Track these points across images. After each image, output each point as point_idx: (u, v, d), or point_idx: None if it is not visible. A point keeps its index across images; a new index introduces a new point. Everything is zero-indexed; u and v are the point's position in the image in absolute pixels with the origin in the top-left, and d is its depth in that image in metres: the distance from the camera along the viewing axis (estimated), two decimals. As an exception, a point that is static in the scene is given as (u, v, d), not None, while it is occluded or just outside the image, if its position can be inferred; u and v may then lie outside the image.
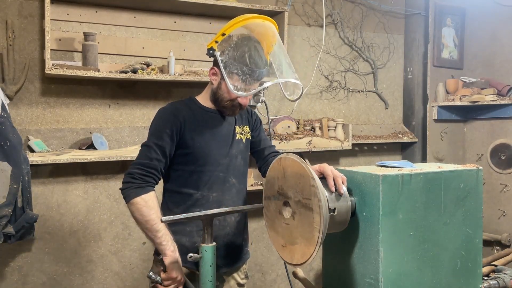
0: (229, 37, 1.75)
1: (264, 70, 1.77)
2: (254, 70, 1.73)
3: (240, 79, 1.74)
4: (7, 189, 2.38)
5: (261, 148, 2.04)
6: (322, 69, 3.58)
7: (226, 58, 1.73)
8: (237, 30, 1.77)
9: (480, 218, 1.67)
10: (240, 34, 1.78)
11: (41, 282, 2.75)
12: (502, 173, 3.62)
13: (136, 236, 2.99)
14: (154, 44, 3.00)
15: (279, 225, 1.58)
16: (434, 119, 3.74)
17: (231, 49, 1.73)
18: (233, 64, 1.72)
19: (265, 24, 1.83)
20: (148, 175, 1.75)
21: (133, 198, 1.70)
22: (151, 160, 1.76)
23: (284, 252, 1.57)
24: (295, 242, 1.50)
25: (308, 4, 3.49)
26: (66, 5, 2.75)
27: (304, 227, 1.45)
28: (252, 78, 1.75)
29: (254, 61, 1.73)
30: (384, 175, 1.46)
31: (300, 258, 1.47)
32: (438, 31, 3.75)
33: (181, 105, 1.89)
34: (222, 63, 1.72)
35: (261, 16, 1.83)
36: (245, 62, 1.72)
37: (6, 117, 2.45)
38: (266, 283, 3.44)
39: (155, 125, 1.83)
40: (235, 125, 1.95)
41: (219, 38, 1.76)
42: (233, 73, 1.73)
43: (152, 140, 1.78)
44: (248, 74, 1.73)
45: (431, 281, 1.56)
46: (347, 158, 3.71)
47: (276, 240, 1.61)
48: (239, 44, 1.74)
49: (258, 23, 1.82)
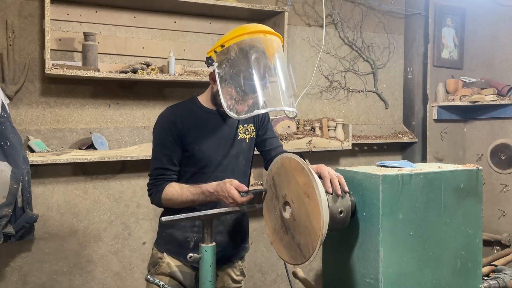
0: (227, 50, 1.70)
1: (261, 86, 1.71)
2: (248, 92, 1.71)
3: (235, 95, 1.72)
4: (7, 189, 2.38)
5: (268, 148, 2.03)
6: (322, 69, 3.58)
7: (222, 72, 1.71)
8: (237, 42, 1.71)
9: (480, 218, 1.67)
10: (238, 49, 1.70)
11: (41, 282, 2.75)
12: (502, 173, 3.62)
13: (136, 236, 2.99)
14: (154, 44, 3.00)
15: (277, 222, 1.58)
16: (434, 119, 3.73)
17: (228, 64, 1.70)
18: (228, 81, 1.71)
19: (267, 39, 1.75)
20: (159, 182, 1.87)
21: (159, 201, 1.86)
22: (158, 169, 1.87)
23: (283, 252, 1.57)
24: (292, 242, 1.50)
25: (308, 4, 3.49)
26: (66, 5, 2.75)
27: (304, 227, 1.45)
28: (246, 98, 1.73)
29: (250, 80, 1.69)
30: (384, 175, 1.46)
31: (300, 258, 1.47)
32: (438, 31, 3.75)
33: (180, 109, 1.91)
34: (218, 76, 1.71)
35: (264, 30, 1.76)
36: (240, 83, 1.70)
37: (6, 117, 2.45)
38: (266, 283, 3.44)
39: (158, 134, 1.89)
40: (238, 124, 1.95)
41: (218, 49, 1.73)
42: (228, 90, 1.72)
43: (158, 151, 1.88)
44: (241, 95, 1.71)
45: (431, 281, 1.56)
46: (347, 158, 3.71)
47: (273, 234, 1.61)
48: (236, 61, 1.70)
49: (260, 38, 1.74)
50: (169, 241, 1.94)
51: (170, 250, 1.93)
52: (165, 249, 1.94)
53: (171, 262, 1.92)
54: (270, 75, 1.74)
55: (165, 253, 1.93)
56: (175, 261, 1.92)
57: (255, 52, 1.70)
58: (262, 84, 1.71)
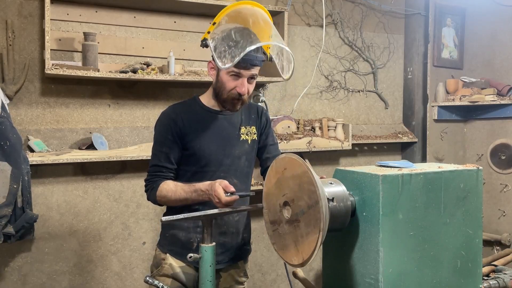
0: (218, 24, 1.79)
1: (250, 40, 1.71)
2: (238, 41, 1.69)
3: (228, 53, 1.69)
4: (7, 189, 2.38)
5: (266, 156, 2.04)
6: (322, 69, 3.58)
7: (215, 41, 1.73)
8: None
9: (480, 218, 1.67)
10: (228, 18, 1.79)
11: (41, 282, 2.75)
12: (502, 173, 3.62)
13: (136, 236, 2.99)
14: (154, 44, 3.00)
15: (279, 225, 1.58)
16: (434, 119, 3.74)
17: (220, 32, 1.74)
18: (221, 43, 1.71)
19: (254, 9, 1.84)
20: (154, 178, 1.89)
21: (154, 198, 1.88)
22: (155, 166, 1.89)
23: (284, 252, 1.56)
24: (295, 242, 1.49)
25: (308, 4, 3.49)
26: (66, 5, 2.75)
27: (304, 227, 1.45)
28: (238, 49, 1.68)
29: (240, 34, 1.71)
30: (384, 175, 1.46)
31: (300, 258, 1.47)
32: (438, 31, 3.75)
33: (181, 108, 1.92)
34: (212, 46, 1.73)
35: (251, 2, 1.85)
36: (231, 37, 1.70)
37: (6, 117, 2.45)
38: (266, 283, 3.44)
39: (158, 132, 1.91)
40: (240, 125, 1.95)
41: (211, 28, 1.80)
42: (222, 52, 1.70)
43: (157, 148, 1.90)
44: (233, 46, 1.69)
45: (431, 281, 1.56)
46: (347, 158, 3.71)
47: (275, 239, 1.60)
48: (227, 26, 1.76)
49: (247, 7, 1.84)
50: (173, 242, 1.94)
51: (173, 251, 1.93)
52: (168, 250, 1.94)
53: (174, 263, 1.92)
54: (257, 36, 1.76)
55: (168, 254, 1.93)
56: (178, 262, 1.92)
57: (243, 14, 1.79)
58: (254, 37, 1.73)
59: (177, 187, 1.82)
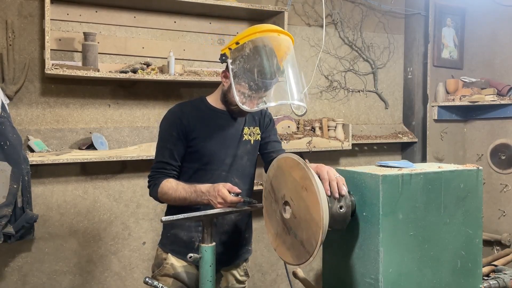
0: (242, 47, 1.78)
1: (272, 81, 1.79)
2: (260, 87, 1.76)
3: (248, 89, 1.77)
4: (7, 189, 2.38)
5: (269, 151, 2.04)
6: (322, 69, 3.58)
7: (236, 68, 1.76)
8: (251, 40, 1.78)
9: (480, 218, 1.67)
10: (253, 46, 1.77)
11: (41, 282, 2.75)
12: (502, 173, 3.62)
13: (136, 236, 2.99)
14: (154, 44, 3.00)
15: (279, 225, 1.58)
16: (434, 119, 3.74)
17: (242, 60, 1.76)
18: (242, 76, 1.76)
19: (280, 38, 1.83)
20: (158, 175, 1.90)
21: (156, 194, 1.89)
22: (159, 162, 1.91)
23: (283, 252, 1.56)
24: (295, 242, 1.49)
25: (308, 4, 3.49)
26: (66, 5, 2.75)
27: (305, 222, 1.45)
28: (258, 92, 1.78)
29: (263, 75, 1.75)
30: (384, 175, 1.46)
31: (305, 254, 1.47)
32: (438, 31, 3.75)
33: (188, 106, 1.95)
34: (232, 72, 1.76)
35: (277, 30, 1.84)
36: (253, 77, 1.75)
37: (6, 117, 2.45)
38: (266, 283, 3.44)
39: (163, 129, 1.93)
40: (244, 126, 1.98)
41: (232, 46, 1.80)
42: (241, 85, 1.77)
43: (162, 144, 1.92)
44: (254, 89, 1.77)
45: (431, 281, 1.56)
46: (347, 158, 3.71)
47: (275, 239, 1.60)
48: (250, 57, 1.76)
49: (273, 36, 1.82)
50: (174, 241, 1.94)
51: (175, 250, 1.93)
52: (170, 249, 1.95)
53: (175, 263, 1.92)
54: (280, 72, 1.82)
55: (169, 254, 1.94)
56: (180, 261, 1.92)
57: (268, 49, 1.78)
58: (274, 80, 1.80)
59: (178, 185, 1.83)
